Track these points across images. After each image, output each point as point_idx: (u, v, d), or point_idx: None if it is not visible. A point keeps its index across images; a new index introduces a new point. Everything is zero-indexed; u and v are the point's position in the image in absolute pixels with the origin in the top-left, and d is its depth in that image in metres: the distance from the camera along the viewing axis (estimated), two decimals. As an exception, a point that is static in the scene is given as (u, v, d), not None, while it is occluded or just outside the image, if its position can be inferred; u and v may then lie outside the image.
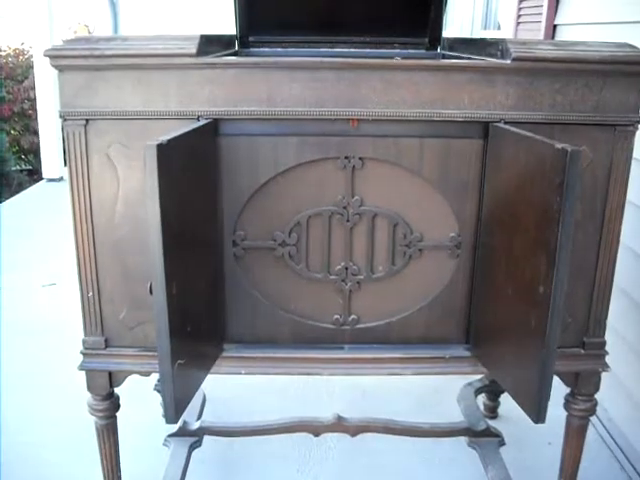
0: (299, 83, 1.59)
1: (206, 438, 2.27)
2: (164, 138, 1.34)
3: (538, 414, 1.48)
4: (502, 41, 1.65)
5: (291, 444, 2.45)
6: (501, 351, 1.65)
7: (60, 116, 1.61)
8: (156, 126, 1.59)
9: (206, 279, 1.65)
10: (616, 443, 2.48)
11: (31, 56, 7.14)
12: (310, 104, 1.60)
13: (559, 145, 1.33)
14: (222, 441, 2.40)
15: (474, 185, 1.68)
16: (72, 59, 1.57)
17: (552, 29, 3.32)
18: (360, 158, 1.65)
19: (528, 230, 1.47)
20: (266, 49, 2.30)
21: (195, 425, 2.25)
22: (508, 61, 1.58)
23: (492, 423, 2.39)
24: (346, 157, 1.64)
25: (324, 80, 1.59)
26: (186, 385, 1.54)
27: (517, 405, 1.58)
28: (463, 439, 2.28)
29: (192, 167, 1.52)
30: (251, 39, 2.28)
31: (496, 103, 1.61)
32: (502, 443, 2.26)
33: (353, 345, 1.79)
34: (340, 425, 2.19)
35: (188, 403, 1.59)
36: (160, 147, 1.30)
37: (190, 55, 1.55)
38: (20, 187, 6.73)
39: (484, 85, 1.60)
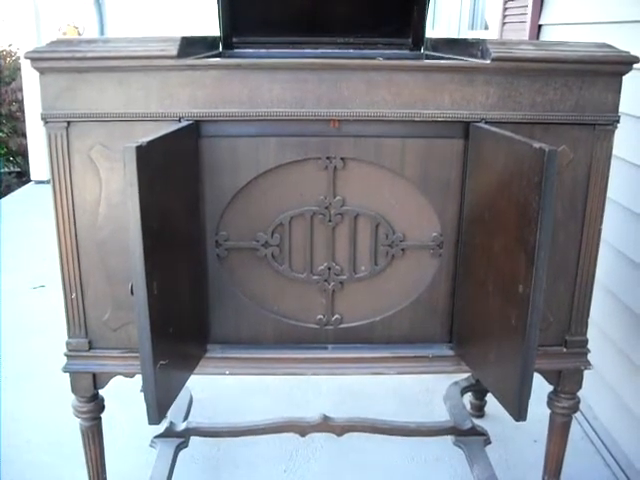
0: (280, 84, 1.59)
1: (193, 439, 2.27)
2: (144, 140, 1.34)
3: (519, 412, 1.49)
4: (482, 41, 1.66)
5: (278, 444, 2.46)
6: (483, 350, 1.66)
7: (42, 118, 1.62)
8: (137, 128, 1.60)
9: (189, 280, 1.66)
10: (601, 440, 2.49)
11: (18, 58, 7.12)
12: (291, 105, 1.60)
13: (537, 144, 1.34)
14: (209, 442, 2.41)
15: (456, 185, 1.69)
16: (53, 61, 1.57)
17: (537, 29, 3.34)
18: (342, 158, 1.65)
19: (508, 229, 1.48)
20: (249, 50, 2.30)
21: (181, 426, 2.25)
22: (488, 61, 1.59)
23: (478, 422, 2.40)
24: (328, 157, 1.65)
25: (305, 81, 1.59)
26: (169, 386, 1.54)
27: (500, 403, 1.60)
28: (449, 438, 2.29)
29: (173, 168, 1.52)
30: (235, 40, 2.28)
31: (476, 103, 1.62)
32: (488, 442, 2.27)
33: (336, 345, 1.80)
34: (326, 425, 2.19)
35: (171, 404, 1.60)
36: (139, 149, 1.30)
37: (171, 57, 1.55)
38: (8, 189, 6.69)
39: (464, 85, 1.61)
